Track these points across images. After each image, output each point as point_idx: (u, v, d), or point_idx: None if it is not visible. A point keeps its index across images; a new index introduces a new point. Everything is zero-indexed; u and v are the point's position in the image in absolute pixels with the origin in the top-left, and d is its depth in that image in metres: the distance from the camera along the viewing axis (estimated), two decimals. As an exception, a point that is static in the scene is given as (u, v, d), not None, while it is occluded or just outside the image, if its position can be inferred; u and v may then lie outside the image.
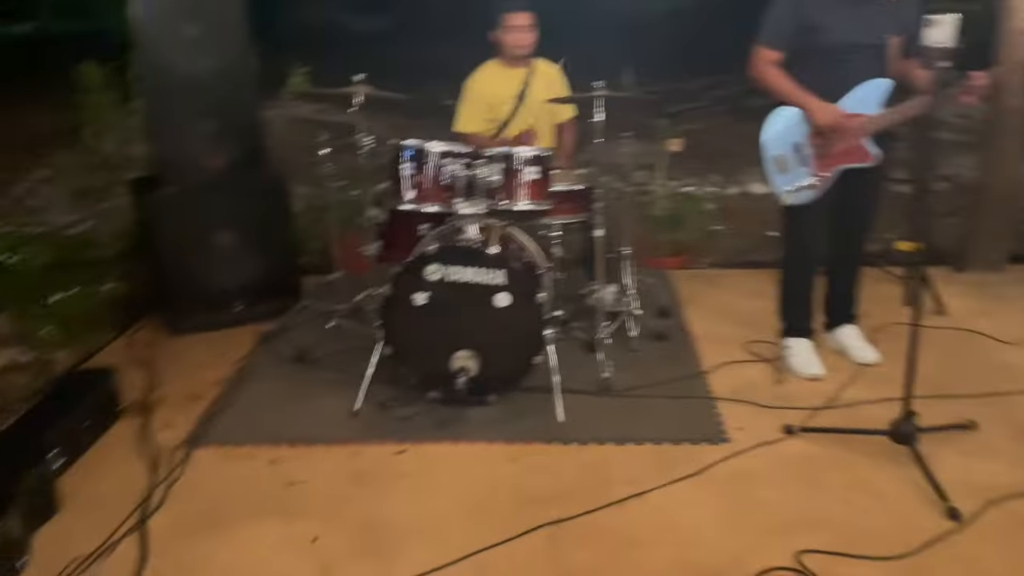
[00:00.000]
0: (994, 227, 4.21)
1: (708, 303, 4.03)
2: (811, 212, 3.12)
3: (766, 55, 3.05)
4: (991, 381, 3.12)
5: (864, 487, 2.54)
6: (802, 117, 3.03)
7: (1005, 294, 4.00)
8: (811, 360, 3.28)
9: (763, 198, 5.83)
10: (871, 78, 2.94)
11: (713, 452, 2.75)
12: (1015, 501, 2.42)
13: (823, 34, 2.93)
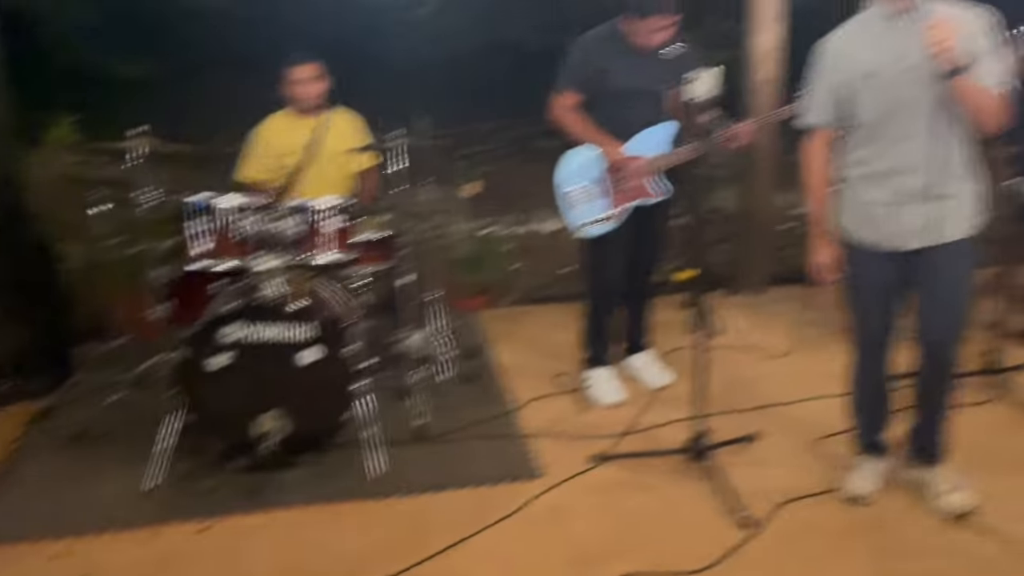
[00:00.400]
0: (757, 253, 4.68)
1: (513, 340, 4.14)
2: (610, 246, 3.31)
3: (563, 100, 3.25)
4: (768, 393, 3.45)
5: (668, 506, 2.70)
6: (597, 155, 3.24)
7: (771, 312, 4.44)
8: (612, 388, 3.46)
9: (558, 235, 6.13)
10: (655, 122, 3.21)
11: (529, 489, 2.81)
12: (799, 503, 2.68)
13: (610, 80, 3.16)
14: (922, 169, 2.35)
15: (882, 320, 2.58)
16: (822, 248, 2.59)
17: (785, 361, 3.82)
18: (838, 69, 2.43)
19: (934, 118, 2.31)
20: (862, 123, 2.42)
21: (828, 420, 3.07)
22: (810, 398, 3.37)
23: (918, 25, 2.26)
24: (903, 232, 2.41)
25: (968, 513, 2.52)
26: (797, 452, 3.00)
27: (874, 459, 2.73)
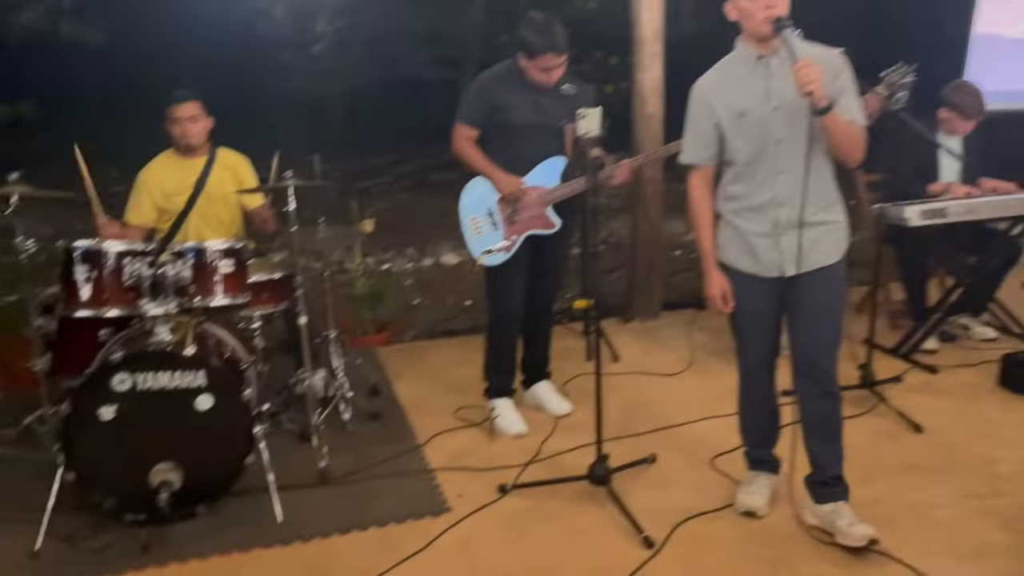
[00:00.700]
0: (648, 280, 4.84)
1: (416, 376, 4.14)
2: (508, 275, 3.39)
3: (463, 131, 3.34)
4: (665, 415, 3.57)
5: (573, 532, 2.76)
6: (492, 187, 3.32)
7: (664, 336, 4.61)
8: (515, 419, 3.51)
9: (456, 268, 6.20)
10: (550, 155, 3.33)
11: (437, 524, 2.81)
12: (697, 520, 2.78)
13: (507, 115, 3.26)
14: (797, 200, 2.49)
15: (766, 343, 2.72)
16: (715, 279, 2.68)
17: (680, 384, 3.97)
18: (711, 109, 2.55)
19: (804, 152, 2.46)
20: (737, 160, 2.56)
21: (722, 438, 3.21)
22: (705, 418, 3.51)
23: (784, 66, 2.42)
24: (782, 260, 2.55)
25: (873, 542, 2.55)
26: (694, 471, 3.12)
27: (765, 474, 2.87)
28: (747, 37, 2.49)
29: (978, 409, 3.55)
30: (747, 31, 2.47)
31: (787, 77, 2.43)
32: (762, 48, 2.47)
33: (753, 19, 2.40)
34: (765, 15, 2.36)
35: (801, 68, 2.30)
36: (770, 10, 2.36)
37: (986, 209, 3.86)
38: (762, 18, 2.37)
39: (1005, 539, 2.63)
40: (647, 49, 4.57)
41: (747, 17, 2.43)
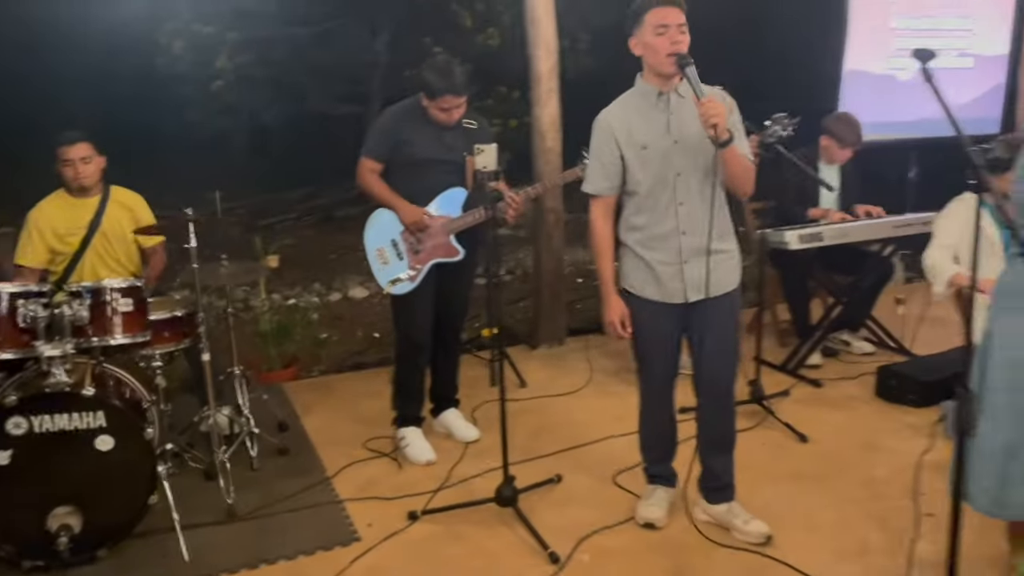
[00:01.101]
0: (553, 308, 4.99)
1: (325, 410, 4.14)
2: (414, 304, 3.46)
3: (368, 165, 3.42)
4: (569, 437, 3.69)
5: (482, 553, 2.83)
6: (396, 217, 3.41)
7: (569, 362, 4.74)
8: (424, 447, 3.56)
9: (364, 302, 6.21)
10: (451, 187, 3.43)
11: (346, 554, 2.84)
12: (598, 535, 2.90)
13: (411, 150, 3.36)
14: (698, 230, 2.64)
15: (666, 366, 2.84)
16: (615, 305, 2.75)
17: (584, 405, 4.10)
18: (615, 141, 2.65)
19: (702, 184, 2.63)
20: (639, 191, 2.67)
21: (623, 456, 3.36)
22: (607, 437, 3.65)
23: (683, 102, 2.60)
24: (686, 287, 2.69)
25: (768, 538, 2.79)
26: (598, 488, 3.24)
27: (663, 487, 3.01)
28: (649, 73, 2.63)
29: (858, 419, 3.81)
30: (650, 67, 2.61)
31: (686, 113, 2.60)
32: (663, 85, 2.62)
33: (657, 55, 2.53)
34: (669, 51, 2.51)
35: (707, 103, 2.43)
36: (675, 47, 2.51)
37: (858, 232, 4.19)
38: (666, 55, 2.51)
39: (882, 538, 2.84)
40: (543, 86, 4.76)
41: (652, 53, 2.56)
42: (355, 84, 9.51)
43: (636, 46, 2.61)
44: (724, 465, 2.92)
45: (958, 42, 5.95)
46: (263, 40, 8.14)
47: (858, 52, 5.63)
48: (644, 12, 2.54)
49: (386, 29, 8.75)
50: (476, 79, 8.76)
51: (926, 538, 2.79)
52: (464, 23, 8.42)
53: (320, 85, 9.33)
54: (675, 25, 2.51)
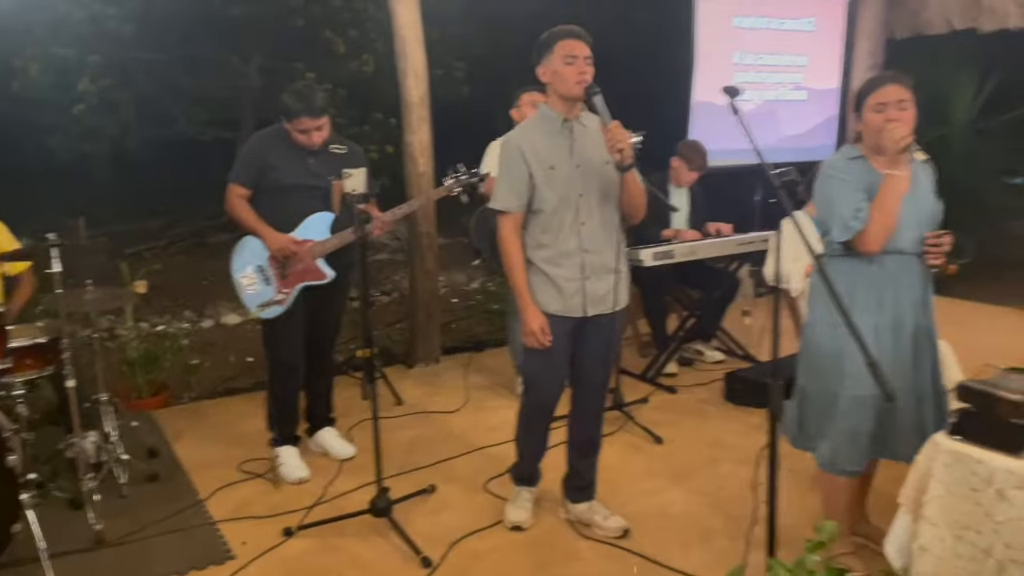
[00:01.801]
0: (428, 328, 5.14)
1: (197, 435, 4.12)
2: (284, 327, 3.53)
3: (235, 191, 3.47)
4: (443, 450, 3.84)
5: (357, 563, 2.93)
6: (262, 243, 3.46)
7: (444, 379, 4.90)
8: (297, 465, 3.62)
9: (237, 328, 6.17)
10: (318, 211, 3.49)
11: (221, 572, 2.88)
12: (469, 539, 3.06)
13: (276, 175, 3.43)
14: (599, 248, 2.85)
15: (559, 380, 3.00)
16: (535, 314, 2.84)
17: (458, 420, 4.26)
18: (525, 161, 2.78)
19: (602, 206, 2.85)
20: (545, 208, 2.81)
21: (494, 465, 3.54)
22: (478, 448, 3.83)
23: (585, 130, 2.82)
24: (585, 302, 2.87)
25: (625, 531, 3.05)
26: (469, 496, 3.40)
27: (527, 488, 3.19)
28: (555, 100, 2.82)
29: (708, 421, 4.15)
30: (558, 94, 2.79)
31: (587, 141, 2.82)
32: (568, 112, 2.82)
33: (566, 83, 2.73)
34: (578, 80, 2.72)
35: (614, 129, 2.64)
36: (582, 76, 2.72)
37: (706, 250, 4.57)
38: (575, 83, 2.72)
39: (724, 524, 3.13)
40: (415, 113, 4.94)
41: (560, 81, 2.75)
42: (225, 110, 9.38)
43: (545, 73, 2.80)
44: (588, 467, 3.14)
45: (794, 76, 6.55)
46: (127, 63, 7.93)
47: (705, 85, 6.10)
48: (554, 43, 2.75)
49: (256, 54, 8.69)
50: (351, 105, 8.84)
51: (763, 522, 3.08)
52: (337, 49, 8.46)
53: (187, 110, 9.15)
54: (582, 57, 2.73)
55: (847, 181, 2.54)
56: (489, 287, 6.31)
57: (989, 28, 5.90)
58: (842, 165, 2.58)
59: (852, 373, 2.55)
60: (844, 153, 2.64)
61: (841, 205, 2.52)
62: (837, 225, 2.53)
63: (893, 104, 2.47)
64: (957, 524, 1.74)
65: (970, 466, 1.71)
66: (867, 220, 2.47)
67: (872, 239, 2.48)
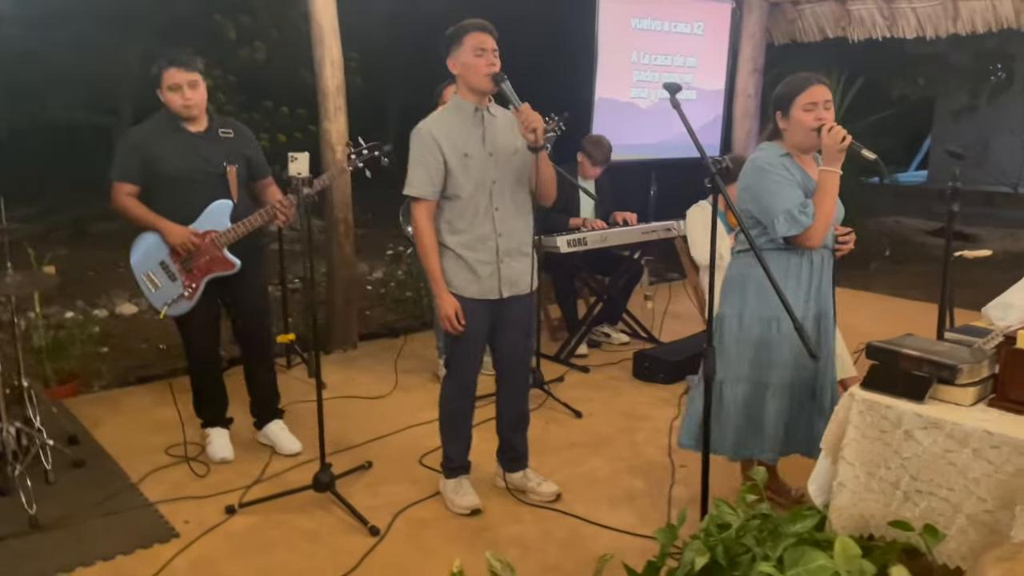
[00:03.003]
0: (346, 314, 5.21)
1: (116, 422, 4.05)
2: (196, 322, 3.50)
3: (122, 189, 3.37)
4: (373, 429, 3.95)
5: (305, 535, 3.02)
6: (161, 239, 3.38)
7: (363, 364, 4.99)
8: (223, 445, 3.64)
9: (134, 318, 6.00)
10: (216, 199, 3.40)
11: (167, 549, 2.90)
12: (411, 508, 3.20)
13: (164, 164, 3.33)
14: (512, 233, 2.99)
15: (479, 361, 3.14)
16: (449, 300, 2.93)
17: (383, 402, 4.37)
18: (439, 149, 2.86)
19: (514, 192, 2.99)
20: (461, 195, 2.90)
21: (426, 441, 3.68)
22: (410, 426, 3.96)
23: (495, 119, 2.96)
24: (500, 285, 3.01)
25: (558, 495, 3.26)
26: (406, 470, 3.54)
27: (465, 477, 3.25)
28: (466, 90, 2.94)
29: (620, 396, 4.44)
30: (468, 85, 2.91)
31: (497, 129, 2.96)
32: (479, 101, 2.94)
33: (477, 74, 2.86)
34: (487, 71, 2.85)
35: (526, 110, 2.77)
36: (491, 67, 2.85)
37: (615, 237, 4.87)
38: (484, 74, 2.85)
39: (646, 486, 3.41)
40: (331, 103, 4.98)
41: (471, 72, 2.87)
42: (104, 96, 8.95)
43: (455, 65, 2.92)
44: (521, 439, 3.33)
45: (685, 77, 6.97)
46: None
47: (607, 82, 6.42)
48: (463, 35, 2.88)
49: (141, 38, 8.37)
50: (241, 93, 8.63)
51: (680, 483, 3.40)
52: (228, 35, 8.25)
53: (62, 94, 8.69)
54: (490, 49, 2.88)
55: (784, 177, 2.68)
56: (400, 275, 6.41)
57: (857, 37, 6.50)
58: (776, 161, 2.71)
59: (780, 363, 2.75)
60: (773, 150, 2.76)
61: (783, 200, 2.64)
62: (784, 220, 2.63)
63: (821, 104, 2.67)
64: (870, 463, 2.04)
65: (881, 412, 2.02)
66: (814, 216, 2.63)
67: (817, 234, 2.64)
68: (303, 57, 5.67)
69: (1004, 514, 1.81)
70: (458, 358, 3.12)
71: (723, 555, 1.91)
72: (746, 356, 2.81)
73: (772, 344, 2.77)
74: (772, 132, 2.83)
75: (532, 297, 3.17)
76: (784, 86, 2.77)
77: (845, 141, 2.59)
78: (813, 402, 2.81)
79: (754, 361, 2.80)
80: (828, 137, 2.61)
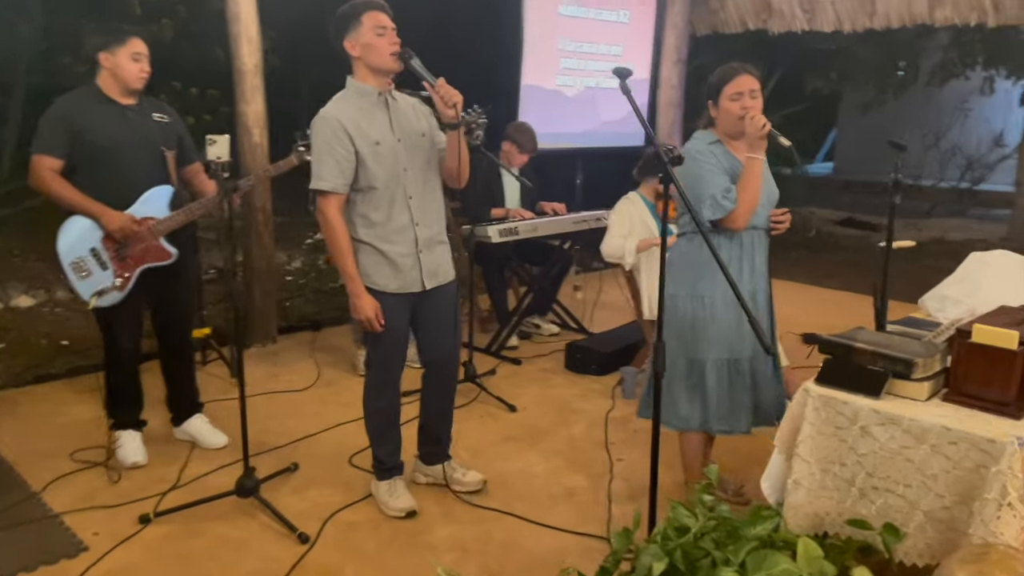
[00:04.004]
0: (265, 306, 4.96)
1: (12, 426, 3.73)
2: (125, 313, 3.27)
3: (44, 163, 3.10)
4: (299, 428, 3.76)
5: (228, 544, 2.83)
6: (95, 224, 3.16)
7: (284, 358, 4.76)
8: (135, 448, 3.39)
9: (31, 311, 5.58)
10: (154, 184, 3.23)
11: (75, 566, 2.67)
12: (341, 512, 3.04)
13: (93, 135, 3.10)
14: (428, 221, 2.87)
15: (402, 357, 3.00)
16: (368, 300, 2.79)
17: (308, 398, 4.18)
18: (348, 138, 2.70)
19: (426, 177, 2.87)
20: (375, 185, 2.75)
21: (354, 440, 3.52)
22: (337, 425, 3.79)
23: (397, 104, 2.83)
24: (421, 277, 2.88)
25: (484, 483, 3.19)
26: (335, 472, 3.37)
27: (399, 479, 3.10)
28: (367, 73, 2.77)
29: (553, 388, 4.37)
30: (370, 67, 2.74)
31: (402, 114, 2.82)
32: (382, 85, 2.79)
33: (381, 55, 2.70)
34: (392, 49, 2.70)
35: (443, 85, 2.65)
36: (394, 47, 2.71)
37: (547, 227, 4.78)
38: (389, 54, 2.70)
39: (584, 481, 3.34)
40: (248, 83, 4.72)
41: (373, 53, 2.71)
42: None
43: (354, 47, 2.74)
44: (444, 429, 3.20)
45: (611, 65, 6.93)
46: None
47: (533, 69, 6.32)
48: (361, 14, 2.71)
49: (35, 12, 7.81)
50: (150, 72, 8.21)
51: (619, 478, 3.34)
52: (133, 11, 7.79)
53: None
54: (390, 28, 2.73)
55: (712, 164, 2.76)
56: (320, 265, 6.17)
57: (777, 29, 6.59)
58: (705, 149, 2.79)
59: (715, 339, 2.78)
60: (703, 139, 2.84)
61: (709, 186, 2.71)
62: (708, 205, 2.70)
63: (747, 93, 2.73)
64: (825, 459, 2.01)
65: (837, 407, 1.99)
66: (736, 200, 2.71)
67: (740, 217, 2.72)
68: (216, 35, 5.39)
69: (962, 510, 1.81)
70: (381, 356, 2.97)
71: (682, 560, 1.85)
72: (683, 333, 2.82)
73: (706, 321, 2.79)
74: (707, 120, 2.89)
75: (455, 286, 3.05)
76: (715, 75, 2.82)
77: (764, 128, 2.67)
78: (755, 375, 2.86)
79: (689, 339, 2.82)
80: (749, 125, 2.69)
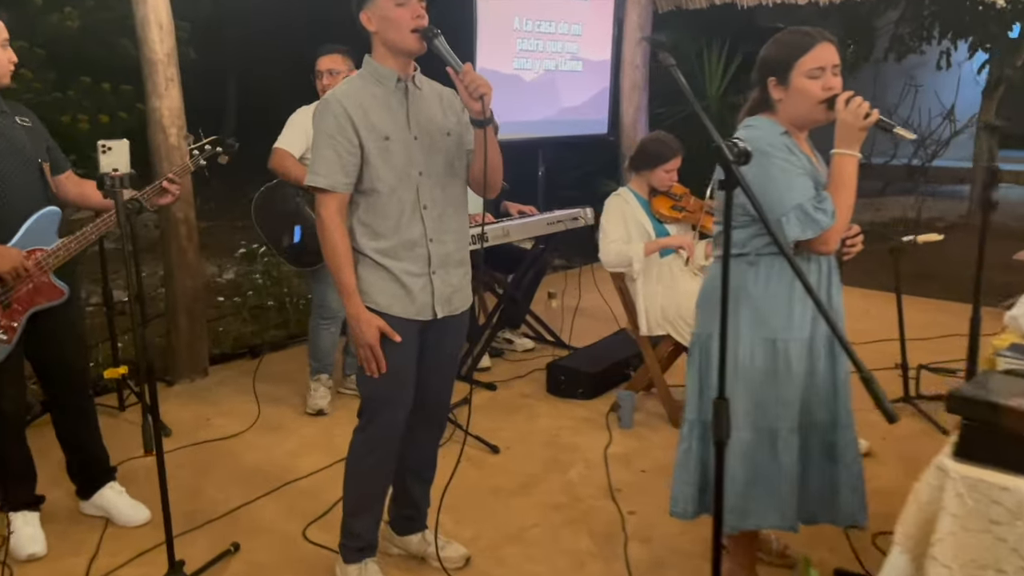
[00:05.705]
0: (192, 334, 4.24)
1: None
2: (8, 370, 2.60)
3: None
4: (238, 489, 3.08)
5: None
6: None
7: (218, 396, 4.06)
8: (33, 535, 2.72)
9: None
10: (36, 207, 2.58)
11: None
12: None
13: None
14: (444, 238, 2.31)
15: (407, 400, 2.36)
16: (371, 321, 2.23)
17: (250, 446, 3.50)
18: (354, 129, 2.20)
19: (446, 184, 2.31)
20: (380, 189, 2.24)
21: (310, 502, 2.91)
22: (285, 483, 3.13)
23: (420, 93, 2.27)
24: (434, 302, 2.31)
25: (469, 558, 2.61)
26: (286, 550, 2.72)
27: (371, 560, 2.48)
28: (385, 53, 2.23)
29: (537, 420, 3.77)
30: (389, 45, 2.21)
31: (423, 106, 2.27)
32: (403, 68, 2.24)
33: (400, 30, 2.16)
34: (415, 25, 2.14)
35: (468, 72, 2.10)
36: (418, 20, 2.15)
37: (517, 231, 4.18)
38: (410, 29, 2.14)
39: (594, 544, 2.76)
40: (161, 74, 4.00)
41: (393, 28, 2.17)
42: None
43: (371, 21, 2.21)
44: (423, 492, 2.64)
45: (570, 46, 6.36)
46: None
47: (488, 52, 5.70)
48: None
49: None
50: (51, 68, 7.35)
51: (635, 539, 2.77)
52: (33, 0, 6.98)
53: None
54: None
55: (793, 163, 2.08)
56: (256, 279, 5.45)
57: (747, 3, 6.08)
58: (778, 142, 2.09)
59: (789, 400, 2.15)
60: (771, 128, 2.12)
61: (793, 193, 2.04)
62: (796, 218, 2.03)
63: (830, 69, 2.07)
64: (973, 563, 1.47)
65: (992, 495, 1.45)
66: (834, 214, 2.04)
67: (836, 236, 2.06)
68: (125, 25, 4.70)
69: None
70: (379, 400, 2.36)
71: None
72: (752, 392, 2.15)
73: (780, 377, 2.14)
74: (758, 103, 2.20)
75: (466, 317, 2.47)
76: (777, 46, 2.15)
77: (870, 117, 2.02)
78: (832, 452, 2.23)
79: (762, 400, 2.16)
80: (847, 112, 2.02)
